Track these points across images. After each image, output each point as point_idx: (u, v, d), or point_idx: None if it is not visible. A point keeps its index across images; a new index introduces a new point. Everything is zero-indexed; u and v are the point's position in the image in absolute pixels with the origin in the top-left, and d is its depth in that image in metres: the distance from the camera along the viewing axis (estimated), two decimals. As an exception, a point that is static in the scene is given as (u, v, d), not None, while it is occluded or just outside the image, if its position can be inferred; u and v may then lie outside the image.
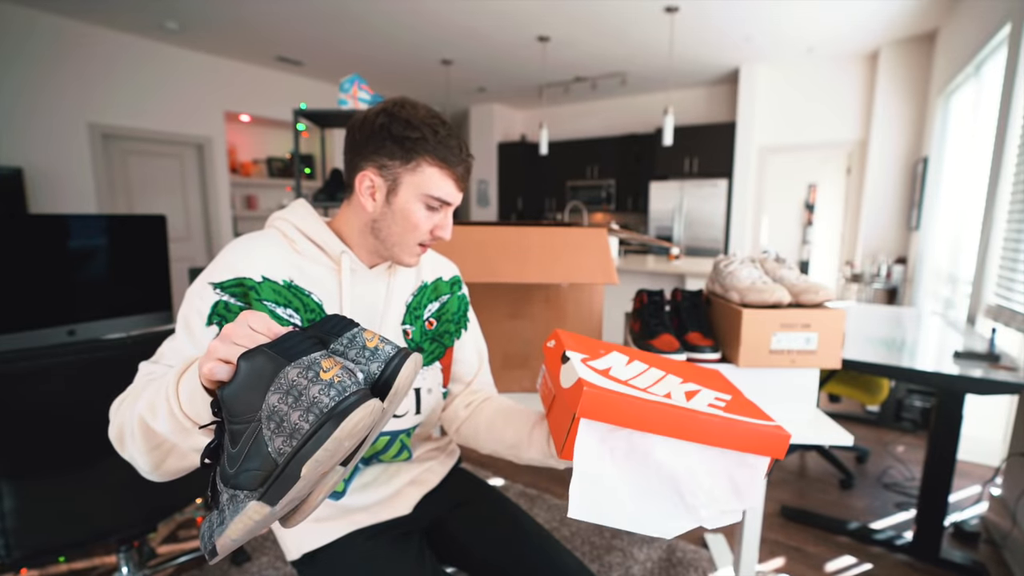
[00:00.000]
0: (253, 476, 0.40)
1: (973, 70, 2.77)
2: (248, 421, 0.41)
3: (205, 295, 0.66)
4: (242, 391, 0.41)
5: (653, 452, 0.57)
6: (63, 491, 1.06)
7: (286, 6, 3.30)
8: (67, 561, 1.59)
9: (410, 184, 0.70)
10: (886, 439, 2.57)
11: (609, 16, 3.47)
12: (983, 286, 2.16)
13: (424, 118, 0.70)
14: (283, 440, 0.39)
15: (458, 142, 0.72)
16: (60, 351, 0.99)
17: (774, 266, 1.18)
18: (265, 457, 0.40)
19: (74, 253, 1.78)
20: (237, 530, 0.41)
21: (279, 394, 0.40)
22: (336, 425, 0.39)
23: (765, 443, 0.57)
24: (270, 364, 0.40)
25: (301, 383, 0.39)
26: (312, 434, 0.39)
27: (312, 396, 0.39)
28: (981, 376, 1.42)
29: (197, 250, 4.39)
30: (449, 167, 0.71)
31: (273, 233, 0.74)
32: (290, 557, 0.79)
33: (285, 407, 0.39)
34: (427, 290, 0.87)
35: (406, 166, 0.70)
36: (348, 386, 0.40)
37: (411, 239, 0.73)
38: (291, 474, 0.39)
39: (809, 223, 4.71)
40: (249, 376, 0.40)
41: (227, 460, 0.42)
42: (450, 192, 0.72)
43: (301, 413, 0.39)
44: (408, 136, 0.68)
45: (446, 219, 0.75)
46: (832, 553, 1.69)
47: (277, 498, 0.40)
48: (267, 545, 1.68)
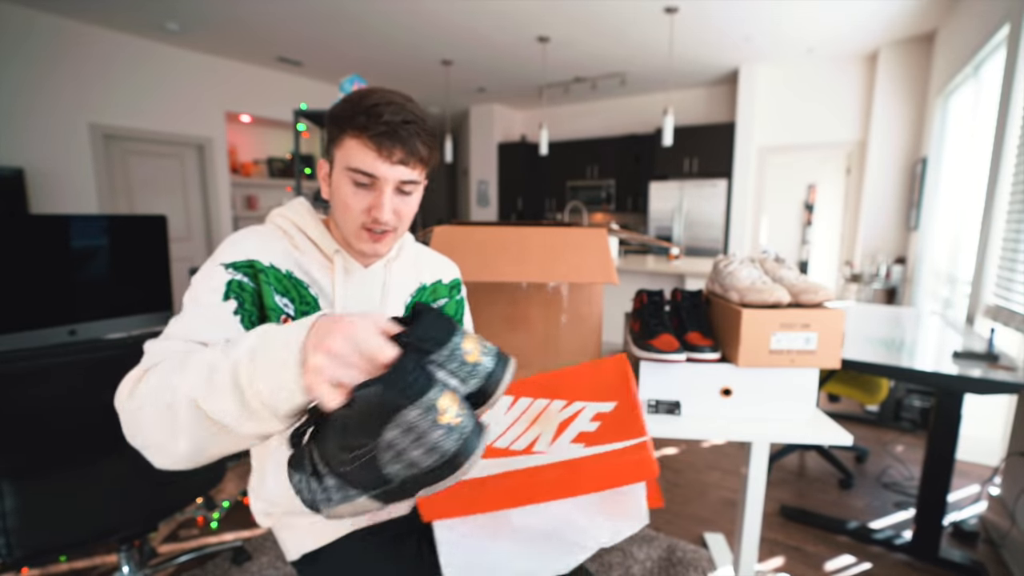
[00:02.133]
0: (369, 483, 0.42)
1: (972, 71, 2.78)
2: (360, 446, 0.41)
3: (216, 274, 0.65)
4: (359, 421, 0.41)
5: (510, 522, 0.57)
6: (64, 490, 1.06)
7: (286, 6, 3.31)
8: (68, 560, 1.59)
9: (338, 161, 0.68)
10: (885, 439, 2.58)
11: (609, 16, 3.47)
12: (982, 286, 2.17)
13: (361, 94, 0.67)
14: (401, 467, 0.41)
15: (386, 109, 0.64)
16: (61, 351, 1.00)
17: (774, 266, 1.18)
18: (379, 477, 0.41)
19: (75, 253, 1.78)
20: (345, 512, 0.44)
21: (398, 431, 0.40)
22: (458, 468, 0.41)
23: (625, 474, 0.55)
24: (391, 402, 0.40)
25: (421, 426, 0.40)
26: (435, 472, 0.41)
27: (434, 440, 0.40)
28: (980, 376, 1.42)
29: (198, 250, 4.39)
30: (364, 134, 0.64)
31: (272, 228, 0.74)
32: (290, 557, 0.79)
33: (405, 443, 0.40)
34: (426, 292, 0.86)
35: (335, 144, 0.68)
36: (466, 429, 0.41)
37: (350, 221, 0.70)
38: (407, 492, 0.42)
39: (808, 223, 4.72)
40: (364, 413, 0.41)
41: (332, 459, 0.43)
42: (371, 163, 0.65)
43: (423, 452, 0.40)
44: (338, 115, 0.67)
45: (380, 197, 0.67)
46: (831, 552, 1.69)
47: (389, 501, 0.43)
48: (267, 545, 1.69)
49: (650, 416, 1.13)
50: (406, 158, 0.66)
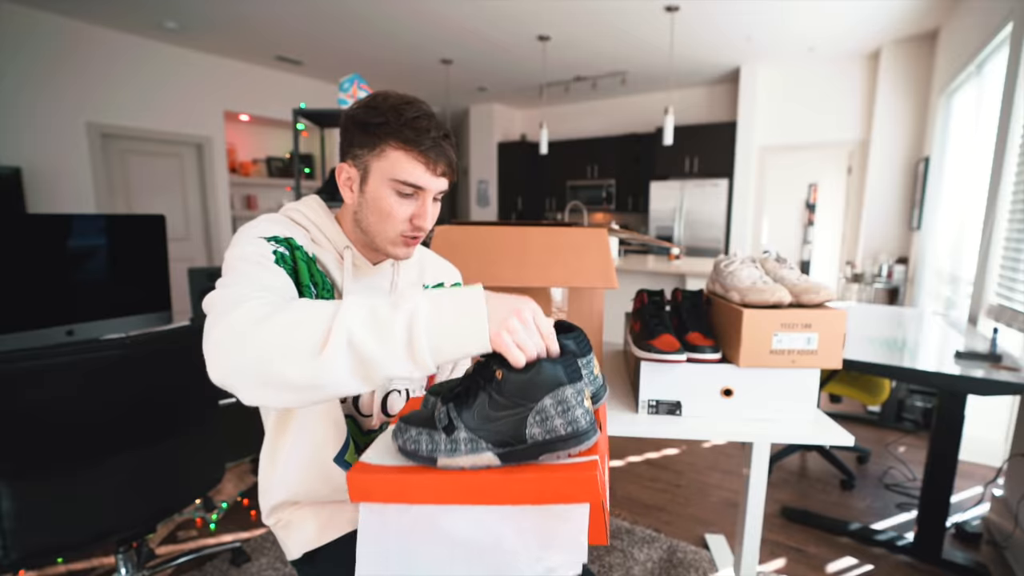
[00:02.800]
0: (503, 440, 0.53)
1: (975, 69, 2.76)
2: (520, 404, 0.52)
3: (261, 245, 0.65)
4: (532, 385, 0.52)
5: (438, 523, 0.54)
6: (61, 492, 1.05)
7: (286, 6, 3.30)
8: (65, 562, 1.58)
9: (377, 170, 0.69)
10: (887, 439, 2.57)
11: (609, 15, 3.46)
12: (985, 286, 2.15)
13: (393, 103, 0.69)
14: (540, 431, 0.52)
15: (429, 123, 0.69)
16: (59, 351, 0.99)
17: (775, 266, 1.17)
18: (520, 435, 0.52)
19: (73, 253, 1.77)
20: (468, 462, 0.53)
21: (553, 401, 0.52)
22: (581, 443, 0.52)
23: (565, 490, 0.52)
24: (560, 378, 0.52)
25: (570, 402, 0.52)
26: (566, 440, 0.52)
27: (575, 415, 0.52)
28: (983, 376, 1.41)
29: (196, 250, 4.38)
30: (415, 148, 0.68)
31: (288, 220, 0.76)
32: (290, 556, 0.78)
33: (554, 412, 0.52)
34: None
35: (372, 152, 0.69)
36: (592, 417, 0.54)
37: (389, 229, 0.72)
38: (531, 454, 0.53)
39: (810, 223, 4.71)
40: (543, 378, 0.52)
41: (478, 414, 0.53)
42: (419, 176, 0.69)
43: (563, 423, 0.52)
44: (371, 122, 0.68)
45: (423, 207, 0.72)
46: (833, 554, 1.68)
47: (508, 461, 0.53)
48: (266, 546, 1.68)
49: (650, 416, 1.12)
50: (447, 170, 0.72)
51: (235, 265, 0.62)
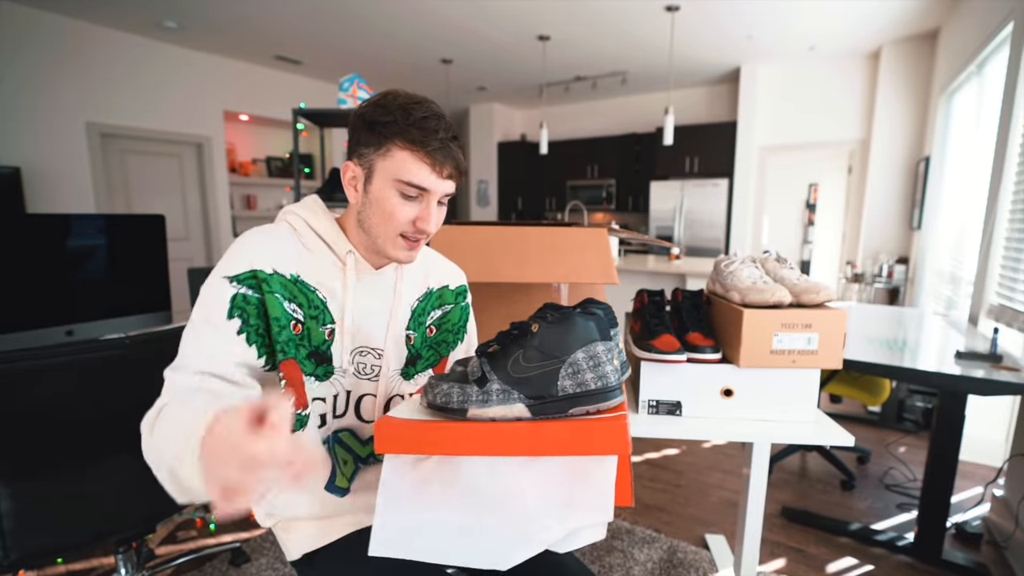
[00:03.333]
0: (535, 392, 0.54)
1: (975, 69, 2.76)
2: (553, 357, 0.54)
3: (221, 289, 0.65)
4: (566, 338, 0.54)
5: (461, 475, 0.54)
6: (61, 492, 1.05)
7: (285, 5, 3.30)
8: (65, 563, 1.58)
9: (382, 170, 0.68)
10: (887, 440, 2.57)
11: (609, 15, 3.46)
12: (985, 286, 2.15)
13: (401, 102, 0.67)
14: (571, 384, 0.54)
15: (438, 124, 0.67)
16: (58, 351, 0.99)
17: (775, 266, 1.17)
18: (552, 387, 0.54)
19: (72, 253, 1.77)
20: (498, 412, 0.54)
21: (586, 355, 0.54)
22: (609, 399, 0.54)
23: (596, 440, 0.51)
24: (592, 334, 0.54)
25: (601, 358, 0.54)
26: (595, 395, 0.54)
27: (605, 371, 0.54)
28: (983, 376, 1.41)
29: (196, 250, 4.38)
30: (421, 149, 0.66)
31: (284, 227, 0.74)
32: (290, 557, 0.78)
33: (585, 366, 0.54)
34: (432, 297, 0.86)
35: (377, 152, 0.68)
36: (620, 377, 0.56)
37: (390, 230, 0.71)
38: (562, 407, 0.54)
39: (810, 223, 4.71)
40: (577, 332, 0.54)
41: (512, 367, 0.55)
42: (425, 177, 0.68)
43: (593, 376, 0.54)
44: (378, 120, 0.67)
45: (427, 210, 0.70)
46: (833, 554, 1.68)
47: (539, 414, 0.54)
48: (266, 546, 1.68)
49: (650, 417, 1.12)
50: (453, 173, 0.70)
51: (195, 321, 0.65)
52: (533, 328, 0.55)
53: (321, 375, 0.72)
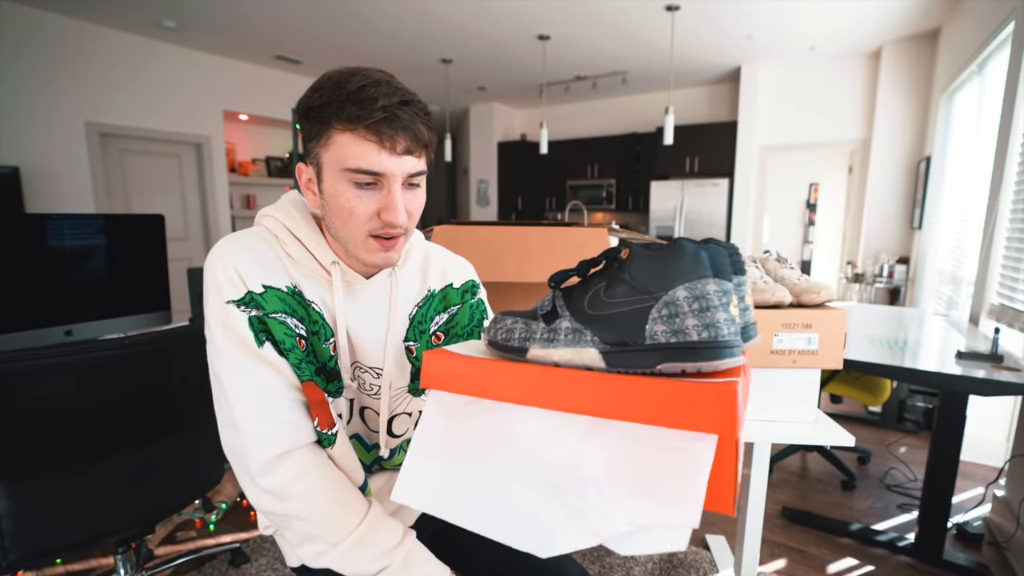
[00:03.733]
0: (614, 336, 0.41)
1: (976, 68, 2.75)
2: (646, 292, 0.41)
3: (235, 316, 0.59)
4: (666, 265, 0.41)
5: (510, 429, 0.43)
6: (60, 493, 1.05)
7: (285, 5, 3.29)
8: (64, 563, 1.58)
9: (329, 163, 0.58)
10: (888, 440, 2.56)
11: (610, 15, 3.45)
12: (986, 286, 2.15)
13: (336, 78, 0.57)
14: (664, 330, 0.39)
15: (377, 91, 0.55)
16: (57, 352, 0.98)
17: (775, 266, 1.16)
18: (638, 333, 0.40)
19: (71, 253, 1.77)
20: (564, 356, 0.43)
21: (689, 294, 0.39)
22: (718, 358, 0.38)
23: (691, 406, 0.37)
24: (702, 266, 0.40)
25: (712, 300, 0.39)
26: (696, 349, 0.39)
27: (716, 319, 0.39)
28: (984, 377, 1.40)
29: (196, 250, 4.38)
30: (360, 124, 0.55)
31: (263, 234, 0.65)
32: (290, 563, 0.76)
33: (688, 308, 0.39)
34: (434, 300, 0.76)
35: (319, 143, 0.58)
36: (738, 331, 0.40)
37: (355, 231, 0.60)
38: (648, 361, 0.40)
39: (811, 223, 4.70)
40: (681, 259, 0.40)
41: (591, 301, 0.43)
42: (373, 159, 0.56)
43: (697, 324, 0.39)
44: (313, 106, 0.57)
45: (390, 197, 0.58)
46: (834, 555, 1.68)
47: (615, 365, 0.41)
48: (265, 547, 1.68)
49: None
50: (412, 146, 0.58)
51: (235, 364, 0.59)
52: (623, 254, 0.43)
53: (334, 391, 0.67)
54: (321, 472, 0.63)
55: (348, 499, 0.64)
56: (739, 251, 0.49)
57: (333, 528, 0.62)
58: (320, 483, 0.62)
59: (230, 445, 0.62)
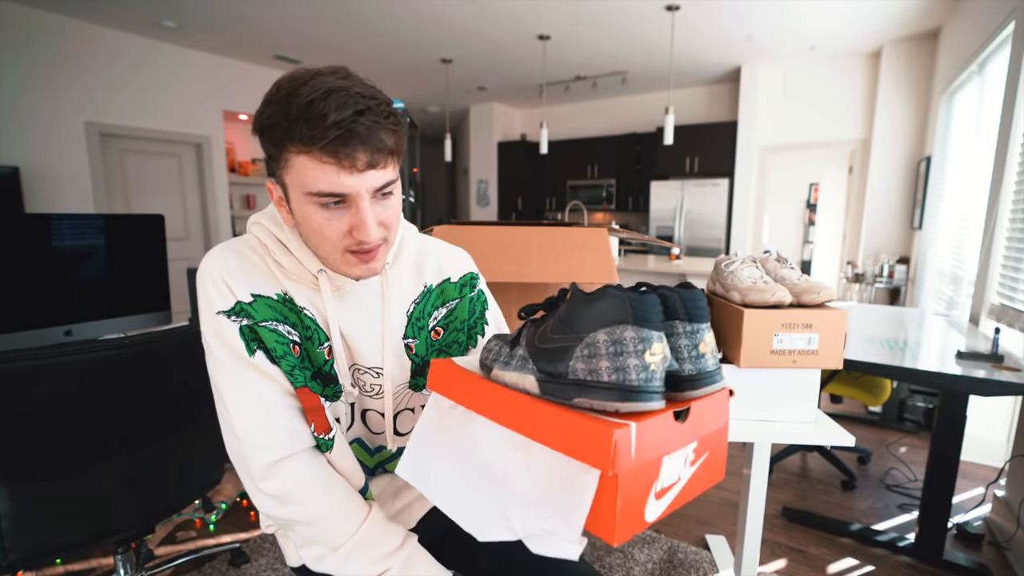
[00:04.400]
0: (549, 368, 0.47)
1: (976, 68, 2.75)
2: (572, 332, 0.46)
3: (226, 327, 0.60)
4: (589, 311, 0.45)
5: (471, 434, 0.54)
6: (60, 493, 1.05)
7: (285, 5, 3.29)
8: (64, 563, 1.58)
9: (292, 186, 0.56)
10: (888, 440, 2.56)
11: (610, 15, 3.45)
12: (986, 286, 2.15)
13: (285, 91, 0.53)
14: (583, 368, 0.45)
15: (326, 105, 0.51)
16: (57, 352, 0.98)
17: (775, 266, 1.16)
18: (563, 367, 0.46)
19: (71, 253, 1.77)
20: (511, 379, 0.51)
21: (608, 339, 0.44)
22: (625, 400, 0.42)
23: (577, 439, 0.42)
24: (623, 314, 0.43)
25: (627, 347, 0.43)
26: (605, 389, 0.43)
27: (626, 364, 0.43)
28: (984, 377, 1.40)
29: (196, 250, 4.38)
30: (314, 147, 0.52)
31: (251, 242, 0.65)
32: (290, 563, 0.76)
33: (604, 351, 0.44)
34: (431, 295, 0.75)
35: (279, 165, 0.56)
36: (652, 383, 0.43)
37: (329, 249, 0.59)
38: (565, 395, 0.46)
39: (811, 222, 4.70)
40: (602, 306, 0.44)
41: (540, 335, 0.50)
42: (333, 181, 0.53)
43: (608, 367, 0.43)
44: (265, 126, 0.55)
45: (359, 215, 0.56)
46: (834, 555, 1.68)
47: (546, 394, 0.47)
48: (265, 547, 1.68)
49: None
50: (374, 159, 0.54)
51: (226, 374, 0.61)
52: (568, 296, 0.49)
53: (331, 395, 0.67)
54: (319, 476, 0.64)
55: (348, 503, 0.65)
56: (701, 297, 0.50)
57: (333, 532, 0.63)
58: (319, 488, 0.64)
59: (233, 452, 0.64)
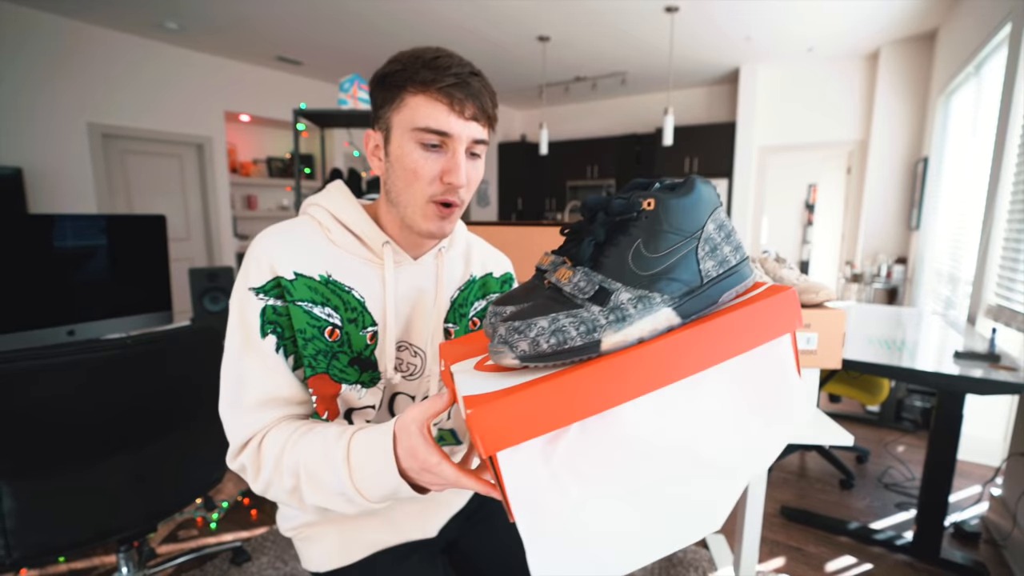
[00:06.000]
0: (678, 286, 0.42)
1: (973, 70, 2.77)
2: (687, 235, 0.43)
3: (250, 303, 0.61)
4: (694, 207, 0.43)
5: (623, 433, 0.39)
6: (62, 491, 1.06)
7: (286, 6, 3.30)
8: (67, 561, 1.59)
9: (399, 125, 0.61)
10: (886, 439, 2.57)
11: (609, 16, 3.46)
12: (983, 286, 2.16)
13: (414, 51, 0.61)
14: (712, 265, 0.43)
15: (450, 60, 0.59)
16: (59, 351, 0.99)
17: (774, 266, 1.17)
18: (694, 273, 0.42)
19: (73, 253, 1.78)
20: (644, 329, 0.40)
21: (715, 226, 0.44)
22: (748, 275, 0.45)
23: (771, 317, 0.41)
24: (715, 197, 0.44)
25: (728, 226, 0.45)
26: (737, 271, 0.44)
27: (738, 241, 0.45)
28: (981, 376, 1.41)
29: (197, 250, 4.38)
30: (434, 87, 0.58)
31: (307, 221, 0.67)
32: (309, 567, 0.75)
33: (719, 239, 0.44)
34: (475, 285, 0.78)
35: (392, 107, 0.61)
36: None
37: (418, 194, 0.62)
38: (710, 301, 0.43)
39: (809, 223, 4.72)
40: (702, 199, 0.43)
41: (635, 261, 0.42)
42: (443, 119, 0.59)
43: (731, 250, 0.44)
44: (389, 73, 0.61)
45: (454, 159, 0.60)
46: (832, 553, 1.69)
47: (688, 315, 0.42)
48: (266, 546, 1.68)
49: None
50: (478, 113, 0.61)
51: (236, 348, 0.62)
52: (646, 205, 0.42)
53: (367, 382, 0.67)
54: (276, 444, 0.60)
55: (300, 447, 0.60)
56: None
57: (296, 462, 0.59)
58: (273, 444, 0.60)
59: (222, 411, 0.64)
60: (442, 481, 0.50)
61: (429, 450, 0.48)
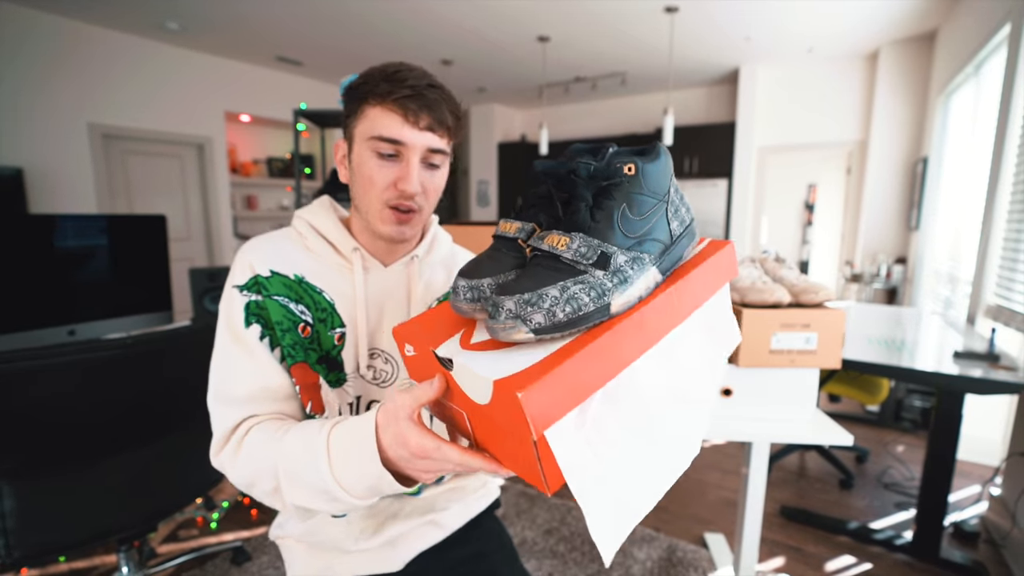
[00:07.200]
0: (657, 246, 0.46)
1: (973, 70, 2.77)
2: (659, 199, 0.46)
3: (234, 299, 0.65)
4: (663, 171, 0.46)
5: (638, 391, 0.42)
6: (63, 491, 1.06)
7: (286, 6, 3.30)
8: (67, 561, 1.59)
9: (359, 135, 0.65)
10: (886, 439, 2.57)
11: (609, 16, 3.47)
12: (983, 286, 2.16)
13: (382, 66, 0.65)
14: (677, 225, 0.48)
15: (409, 74, 0.63)
16: (60, 351, 0.99)
17: (774, 266, 1.18)
18: (667, 233, 0.46)
19: (74, 253, 1.78)
20: (639, 289, 0.43)
21: (674, 188, 0.48)
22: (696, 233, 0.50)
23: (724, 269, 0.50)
24: (670, 161, 0.48)
25: (679, 189, 0.50)
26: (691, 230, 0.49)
27: (687, 202, 0.50)
28: (981, 376, 1.42)
29: (197, 250, 4.38)
30: (389, 99, 0.61)
31: (288, 231, 0.72)
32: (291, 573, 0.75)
33: (677, 200, 0.48)
34: None
35: (354, 118, 0.65)
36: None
37: (374, 199, 0.65)
38: (677, 253, 0.48)
39: (809, 223, 4.72)
40: (668, 163, 0.47)
41: (623, 224, 0.44)
42: (397, 129, 0.62)
43: (686, 210, 0.49)
44: (355, 86, 0.65)
45: (407, 168, 0.63)
46: (832, 553, 1.69)
47: (666, 269, 0.47)
48: (267, 545, 1.69)
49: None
50: (433, 124, 0.63)
51: (222, 341, 0.65)
52: (628, 170, 0.44)
53: (333, 382, 0.69)
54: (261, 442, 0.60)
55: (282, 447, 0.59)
56: None
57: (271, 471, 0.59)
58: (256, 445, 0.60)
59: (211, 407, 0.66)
60: (441, 467, 0.48)
61: (424, 436, 0.47)
